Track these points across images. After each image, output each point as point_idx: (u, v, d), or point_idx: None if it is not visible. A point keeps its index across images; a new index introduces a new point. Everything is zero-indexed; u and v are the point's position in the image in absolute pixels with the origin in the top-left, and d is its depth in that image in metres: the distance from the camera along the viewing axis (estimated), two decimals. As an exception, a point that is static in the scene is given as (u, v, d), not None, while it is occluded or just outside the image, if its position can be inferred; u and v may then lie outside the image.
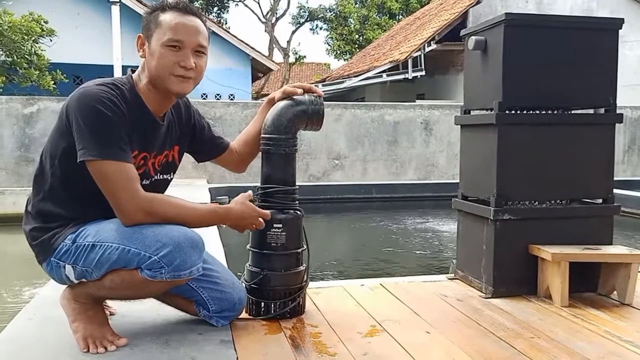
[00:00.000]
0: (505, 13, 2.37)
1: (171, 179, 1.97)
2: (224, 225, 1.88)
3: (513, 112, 2.44)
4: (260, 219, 1.91)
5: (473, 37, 2.51)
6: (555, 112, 2.51)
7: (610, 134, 2.52)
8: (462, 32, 2.70)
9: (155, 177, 1.87)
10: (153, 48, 1.73)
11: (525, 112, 2.48)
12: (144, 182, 1.79)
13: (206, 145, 2.07)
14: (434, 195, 7.73)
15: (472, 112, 2.69)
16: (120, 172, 1.62)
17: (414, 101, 13.02)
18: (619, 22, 2.49)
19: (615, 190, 2.56)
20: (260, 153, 2.14)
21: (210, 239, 3.37)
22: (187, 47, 1.73)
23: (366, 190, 8.02)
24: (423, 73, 13.22)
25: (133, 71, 1.83)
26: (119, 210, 1.65)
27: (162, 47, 1.71)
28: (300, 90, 2.08)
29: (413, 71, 13.21)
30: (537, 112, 2.49)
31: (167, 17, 1.73)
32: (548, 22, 2.53)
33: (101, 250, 1.65)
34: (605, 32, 2.49)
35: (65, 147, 1.67)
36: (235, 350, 1.76)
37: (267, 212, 1.97)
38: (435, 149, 8.91)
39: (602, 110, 2.54)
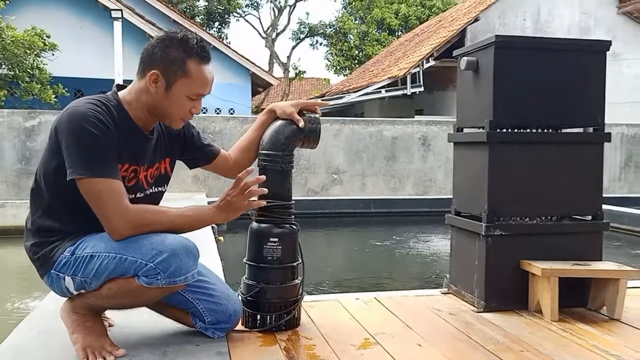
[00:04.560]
0: (496, 35, 2.44)
1: (165, 190, 2.02)
2: (222, 239, 1.93)
3: (504, 130, 2.50)
4: (251, 198, 1.88)
5: (465, 58, 2.58)
6: (545, 131, 2.57)
7: (599, 152, 2.59)
8: (455, 53, 2.77)
9: (150, 190, 1.92)
10: (174, 94, 1.77)
11: (515, 130, 2.54)
12: (138, 195, 1.85)
13: (197, 154, 2.12)
14: (432, 210, 7.77)
15: (464, 130, 2.76)
16: (107, 189, 1.67)
17: (413, 117, 13.12)
18: (606, 44, 2.56)
19: (612, 207, 2.61)
20: (256, 161, 2.18)
21: (208, 252, 3.42)
22: (203, 96, 1.83)
23: (364, 205, 8.08)
24: (422, 89, 13.36)
25: (118, 87, 1.87)
26: (108, 226, 1.70)
27: (185, 97, 1.79)
28: (301, 124, 2.11)
29: (412, 87, 13.35)
30: (528, 130, 2.56)
31: (194, 68, 1.77)
32: (537, 44, 2.61)
33: (99, 260, 1.70)
34: (593, 53, 2.56)
35: (56, 166, 1.72)
36: (231, 361, 1.81)
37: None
38: (433, 165, 8.98)
39: (590, 130, 2.60)
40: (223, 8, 25.40)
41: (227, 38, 27.60)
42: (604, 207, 2.65)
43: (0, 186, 7.60)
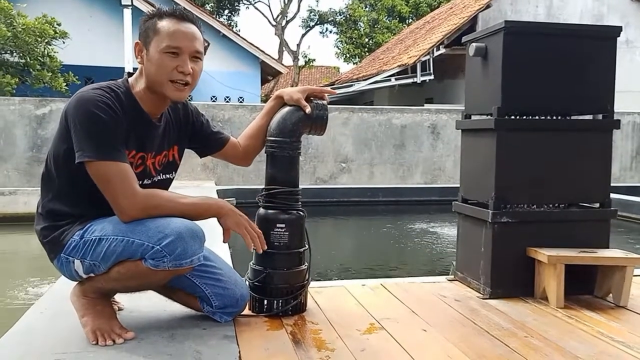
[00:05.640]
0: (505, 21, 2.43)
1: (173, 177, 2.05)
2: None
3: (512, 117, 2.50)
4: (253, 231, 1.95)
5: (474, 44, 2.57)
6: (553, 117, 2.56)
7: (607, 139, 2.57)
8: (464, 39, 2.76)
9: (158, 177, 1.94)
10: (152, 55, 1.79)
11: (523, 117, 2.53)
12: (145, 182, 1.87)
13: (206, 141, 2.14)
14: (441, 199, 7.75)
15: (472, 117, 2.75)
16: (116, 172, 1.69)
17: (423, 105, 13.06)
18: (616, 30, 2.54)
19: (620, 196, 2.60)
20: (264, 149, 2.20)
21: (217, 238, 3.44)
22: (184, 53, 1.80)
23: (373, 194, 8.08)
24: (432, 77, 13.29)
25: (130, 74, 1.90)
26: (117, 208, 1.73)
27: (160, 54, 1.78)
28: (308, 110, 2.13)
29: (422, 75, 13.28)
30: (536, 117, 2.55)
31: (164, 25, 1.79)
32: (547, 29, 2.59)
33: (107, 243, 1.73)
34: (603, 39, 2.54)
35: (67, 150, 1.74)
36: (238, 344, 1.83)
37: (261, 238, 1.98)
38: (443, 153, 8.96)
39: (600, 117, 2.59)
40: (233, -5, 25.34)
41: (236, 26, 27.56)
42: (612, 195, 2.64)
43: (11, 173, 7.69)
